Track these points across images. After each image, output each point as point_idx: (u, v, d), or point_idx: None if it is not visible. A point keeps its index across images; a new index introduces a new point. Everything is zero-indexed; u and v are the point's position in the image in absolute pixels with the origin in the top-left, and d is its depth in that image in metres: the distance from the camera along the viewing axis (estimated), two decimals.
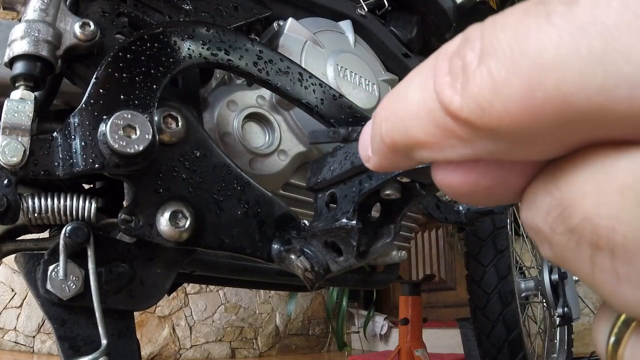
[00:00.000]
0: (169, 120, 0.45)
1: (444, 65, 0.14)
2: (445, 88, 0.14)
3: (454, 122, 0.14)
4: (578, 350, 2.14)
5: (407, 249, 0.93)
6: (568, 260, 0.13)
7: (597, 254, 0.12)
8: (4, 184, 0.41)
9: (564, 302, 1.48)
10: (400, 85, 0.16)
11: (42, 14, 0.44)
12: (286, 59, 0.53)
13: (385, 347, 3.36)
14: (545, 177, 0.14)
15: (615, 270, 0.12)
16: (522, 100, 0.12)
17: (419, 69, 0.16)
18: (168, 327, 2.98)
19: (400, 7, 0.98)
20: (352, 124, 0.55)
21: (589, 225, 0.12)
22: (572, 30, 0.12)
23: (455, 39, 0.15)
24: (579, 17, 0.12)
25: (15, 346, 2.59)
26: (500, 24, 0.13)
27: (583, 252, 0.13)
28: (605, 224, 0.12)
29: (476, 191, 0.16)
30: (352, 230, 0.39)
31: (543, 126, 0.12)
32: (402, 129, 0.16)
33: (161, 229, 0.43)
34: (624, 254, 0.12)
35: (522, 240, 1.75)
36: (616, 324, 0.14)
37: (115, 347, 0.45)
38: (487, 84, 0.13)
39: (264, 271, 0.83)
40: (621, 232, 0.12)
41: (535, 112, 0.12)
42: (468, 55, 0.13)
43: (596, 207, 0.12)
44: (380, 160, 0.18)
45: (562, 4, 0.12)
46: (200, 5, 0.58)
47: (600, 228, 0.12)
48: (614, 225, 0.12)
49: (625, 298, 0.12)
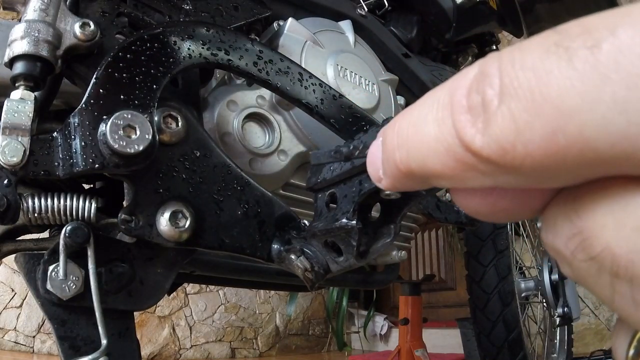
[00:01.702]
0: (169, 120, 0.45)
1: (462, 101, 0.14)
2: (466, 126, 0.14)
3: (475, 158, 0.14)
4: (578, 350, 2.14)
5: (407, 249, 0.93)
6: (589, 283, 0.14)
7: (616, 281, 0.13)
8: (4, 184, 0.41)
9: (564, 302, 1.48)
10: (413, 113, 0.16)
11: (42, 14, 0.44)
12: (286, 59, 0.53)
13: (385, 347, 3.36)
14: (565, 202, 0.14)
15: (634, 298, 0.13)
16: (544, 143, 0.12)
17: (434, 100, 0.16)
18: (168, 327, 2.98)
19: (400, 7, 0.98)
20: (352, 124, 0.55)
21: (609, 255, 0.13)
22: (595, 77, 0.12)
23: (469, 71, 0.15)
24: (602, 63, 0.12)
25: (15, 346, 2.59)
26: (519, 62, 0.13)
27: (603, 278, 0.13)
28: (625, 257, 0.12)
29: (494, 211, 0.16)
30: (352, 230, 0.38)
31: (565, 166, 0.13)
32: (419, 160, 0.16)
33: (161, 229, 0.43)
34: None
35: (522, 240, 1.75)
36: (635, 336, 0.15)
37: (115, 347, 0.45)
38: (509, 125, 0.13)
39: (264, 271, 0.83)
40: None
41: (558, 155, 0.12)
42: (487, 93, 0.13)
43: (616, 240, 0.13)
44: (393, 183, 0.18)
45: (585, 48, 0.12)
46: (200, 5, 0.58)
47: (620, 259, 0.13)
48: (633, 259, 0.12)
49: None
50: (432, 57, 1.08)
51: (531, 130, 0.12)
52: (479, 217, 0.17)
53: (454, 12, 0.98)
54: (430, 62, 0.99)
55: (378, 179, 0.19)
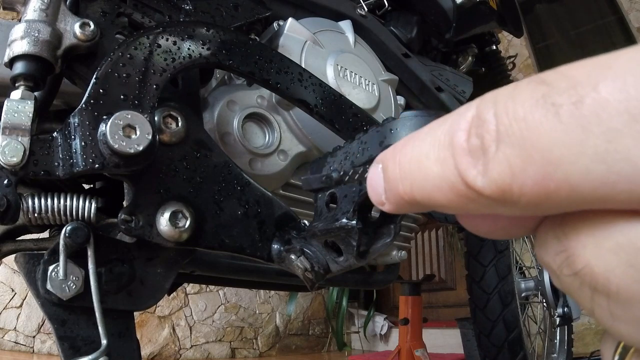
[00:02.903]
0: (169, 120, 0.45)
1: (463, 144, 0.16)
2: (468, 168, 0.16)
3: (477, 194, 0.16)
4: (578, 350, 2.14)
5: (407, 249, 0.93)
6: (573, 294, 0.16)
7: (595, 295, 0.15)
8: (4, 184, 0.41)
9: (564, 302, 1.48)
10: (414, 149, 0.18)
11: (42, 14, 0.44)
12: (286, 59, 0.53)
13: (385, 347, 3.36)
14: (553, 224, 0.16)
15: (610, 311, 0.14)
16: (536, 186, 0.14)
17: (434, 139, 0.17)
18: (168, 327, 2.98)
19: (400, 7, 0.98)
20: (352, 124, 0.55)
21: (589, 272, 0.15)
22: (579, 130, 0.13)
23: (465, 111, 0.16)
24: (585, 117, 0.13)
25: (15, 346, 2.59)
26: (512, 112, 0.15)
27: (585, 291, 0.15)
28: (602, 275, 0.14)
29: (494, 230, 0.18)
30: (352, 230, 0.38)
31: (554, 203, 0.15)
32: (423, 193, 0.17)
33: (161, 229, 0.43)
34: (616, 300, 0.14)
35: (522, 240, 1.75)
36: (619, 344, 0.17)
37: (115, 347, 0.45)
38: (505, 170, 0.15)
39: (264, 271, 0.83)
40: (615, 283, 0.14)
41: (548, 195, 0.14)
42: (485, 138, 0.15)
43: (595, 259, 0.14)
44: (397, 208, 0.20)
45: (570, 104, 0.13)
46: (200, 5, 0.58)
47: (598, 277, 0.14)
48: (609, 277, 0.14)
49: (620, 332, 0.15)
50: (432, 57, 1.08)
51: (524, 175, 0.14)
52: (480, 234, 0.19)
53: (454, 12, 0.98)
54: (430, 62, 0.99)
55: (380, 203, 0.20)
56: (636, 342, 0.15)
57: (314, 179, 0.36)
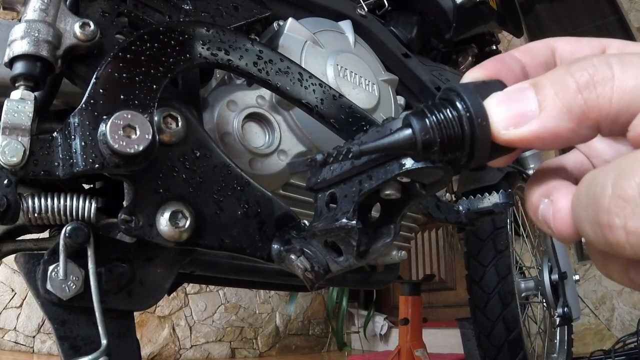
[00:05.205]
0: (169, 120, 0.45)
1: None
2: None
3: None
4: (578, 350, 2.14)
5: (407, 249, 0.93)
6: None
7: None
8: (4, 184, 0.41)
9: (564, 302, 1.48)
10: None
11: (42, 14, 0.44)
12: (286, 59, 0.53)
13: (385, 347, 3.36)
14: None
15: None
16: None
17: None
18: (168, 327, 2.98)
19: (400, 7, 0.98)
20: (352, 124, 0.55)
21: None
22: None
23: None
24: None
25: (15, 346, 2.59)
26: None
27: None
28: None
29: None
30: (352, 230, 0.39)
31: None
32: None
33: (161, 229, 0.43)
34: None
35: (522, 240, 1.75)
36: None
37: (115, 347, 0.45)
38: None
39: (264, 271, 0.83)
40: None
41: None
42: None
43: None
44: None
45: None
46: (200, 5, 0.58)
47: None
48: None
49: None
50: (432, 57, 1.08)
51: None
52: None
53: (454, 12, 0.98)
54: (430, 62, 0.99)
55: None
56: None
57: (299, 162, 0.35)
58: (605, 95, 0.21)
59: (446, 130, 0.25)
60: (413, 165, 0.30)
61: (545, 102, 0.23)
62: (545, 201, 0.25)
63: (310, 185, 0.43)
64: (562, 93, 0.22)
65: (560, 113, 0.22)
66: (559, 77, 0.23)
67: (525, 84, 0.24)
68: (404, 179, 0.34)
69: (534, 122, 0.23)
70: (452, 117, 0.25)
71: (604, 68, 0.22)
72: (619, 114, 0.21)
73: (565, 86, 0.22)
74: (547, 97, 0.23)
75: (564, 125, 0.22)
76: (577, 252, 2.92)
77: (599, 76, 0.21)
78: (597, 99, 0.21)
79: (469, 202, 0.63)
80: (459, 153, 0.25)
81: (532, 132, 0.23)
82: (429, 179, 0.35)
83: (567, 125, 0.22)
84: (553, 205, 0.24)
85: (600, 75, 0.21)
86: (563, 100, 0.22)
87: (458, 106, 0.25)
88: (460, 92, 0.25)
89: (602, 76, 0.21)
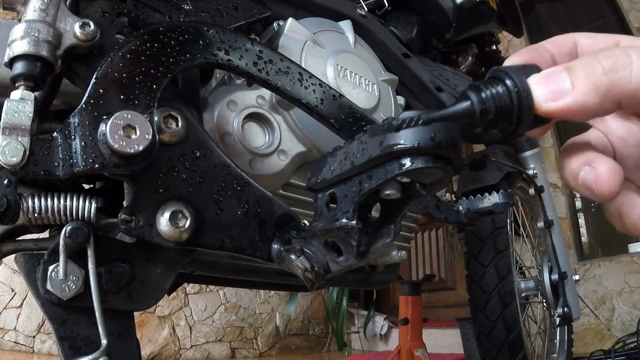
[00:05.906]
0: (169, 120, 0.45)
1: None
2: None
3: None
4: (578, 350, 2.14)
5: (407, 249, 0.93)
6: None
7: None
8: (4, 184, 0.41)
9: (564, 302, 1.48)
10: None
11: (42, 14, 0.44)
12: (286, 59, 0.53)
13: (385, 347, 3.36)
14: None
15: None
16: None
17: None
18: (168, 327, 2.98)
19: (400, 7, 0.98)
20: (352, 124, 0.55)
21: None
22: None
23: None
24: None
25: (15, 346, 2.60)
26: None
27: None
28: None
29: None
30: (352, 230, 0.39)
31: None
32: None
33: (161, 229, 0.43)
34: None
35: (522, 240, 1.75)
36: None
37: (115, 347, 0.45)
38: None
39: (264, 271, 0.83)
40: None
41: None
42: None
43: None
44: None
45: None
46: (200, 5, 0.58)
47: None
48: None
49: None
50: (432, 57, 1.08)
51: None
52: None
53: (454, 12, 0.98)
54: (430, 62, 0.99)
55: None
56: None
57: (376, 127, 0.35)
58: (626, 77, 0.27)
59: (498, 102, 0.29)
60: (413, 165, 0.30)
61: (577, 81, 0.28)
62: (586, 168, 0.30)
63: (310, 185, 0.43)
64: (591, 75, 0.28)
65: (590, 90, 0.28)
66: (588, 62, 0.28)
67: (559, 67, 0.29)
68: (404, 179, 0.34)
69: (568, 97, 0.28)
70: (503, 91, 0.29)
71: (624, 56, 0.27)
72: (637, 92, 0.27)
73: (594, 70, 0.28)
74: (579, 78, 0.28)
75: (592, 100, 0.28)
76: (577, 252, 2.92)
77: (620, 62, 0.27)
78: (619, 80, 0.27)
79: (469, 202, 0.63)
80: (508, 122, 0.30)
81: (566, 105, 0.28)
82: (429, 179, 0.35)
83: (594, 100, 0.28)
84: (595, 171, 0.29)
85: (622, 62, 0.27)
86: (592, 80, 0.28)
87: (507, 83, 0.29)
88: (508, 72, 0.30)
89: (623, 62, 0.27)
